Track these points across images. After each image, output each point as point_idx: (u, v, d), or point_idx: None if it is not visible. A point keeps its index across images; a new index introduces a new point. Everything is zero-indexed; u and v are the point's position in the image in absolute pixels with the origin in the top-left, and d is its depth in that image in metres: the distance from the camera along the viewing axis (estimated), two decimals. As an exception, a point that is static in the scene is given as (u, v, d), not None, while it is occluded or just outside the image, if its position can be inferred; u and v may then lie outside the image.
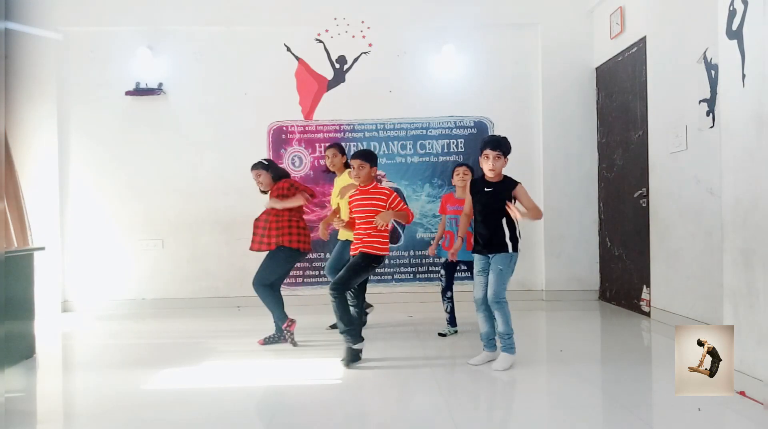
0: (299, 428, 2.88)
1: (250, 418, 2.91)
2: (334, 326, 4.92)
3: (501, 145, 3.67)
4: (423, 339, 4.38)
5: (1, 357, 3.29)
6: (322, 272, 6.24)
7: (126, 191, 6.24)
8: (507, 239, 3.66)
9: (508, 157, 3.72)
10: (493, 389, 3.48)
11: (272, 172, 4.48)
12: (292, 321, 4.30)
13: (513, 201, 3.66)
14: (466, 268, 4.48)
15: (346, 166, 4.87)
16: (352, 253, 3.89)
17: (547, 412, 3.06)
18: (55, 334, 5.15)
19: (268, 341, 4.37)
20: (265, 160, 4.56)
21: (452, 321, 4.64)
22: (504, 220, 3.66)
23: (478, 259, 3.78)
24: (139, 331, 5.21)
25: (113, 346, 4.67)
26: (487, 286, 3.71)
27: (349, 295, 3.85)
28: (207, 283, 6.25)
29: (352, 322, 3.79)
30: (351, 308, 3.84)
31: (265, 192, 4.52)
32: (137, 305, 6.16)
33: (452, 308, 4.63)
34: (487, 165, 3.66)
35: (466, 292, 5.97)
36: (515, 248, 3.68)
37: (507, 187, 3.68)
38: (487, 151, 3.66)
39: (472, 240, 4.48)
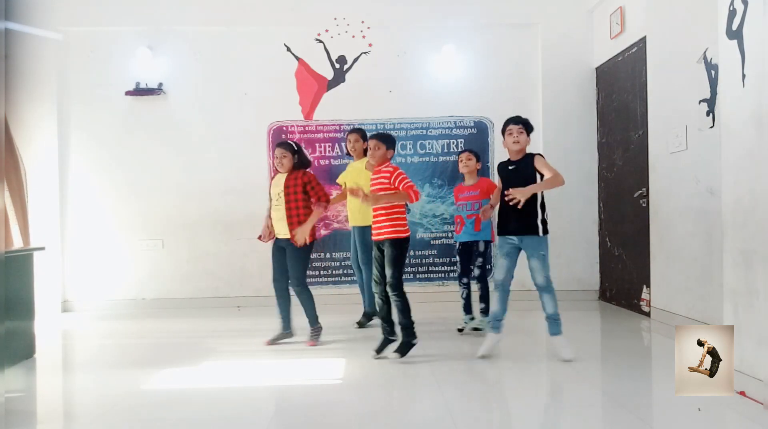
0: (299, 428, 2.89)
1: (250, 418, 2.91)
2: (360, 324, 4.94)
3: (522, 121, 3.83)
4: (423, 338, 4.36)
5: (1, 357, 3.29)
6: (322, 272, 6.25)
7: (126, 191, 6.23)
8: (539, 221, 3.72)
9: (530, 136, 3.86)
10: (493, 388, 3.49)
11: (297, 158, 4.38)
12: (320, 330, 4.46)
13: (540, 176, 3.72)
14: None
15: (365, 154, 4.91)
16: (374, 238, 3.85)
17: (546, 412, 3.06)
18: (55, 334, 5.16)
19: (274, 341, 4.39)
20: (295, 143, 4.48)
21: (467, 308, 4.59)
22: (539, 201, 3.73)
23: (504, 242, 3.82)
24: (139, 331, 5.21)
25: (113, 346, 4.67)
26: (508, 270, 3.81)
27: (376, 286, 3.89)
28: (207, 283, 6.25)
29: (413, 320, 3.85)
30: (377, 297, 3.90)
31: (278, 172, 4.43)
32: (137, 305, 6.16)
33: (468, 295, 4.59)
34: (512, 138, 3.78)
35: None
36: (545, 231, 3.75)
37: (528, 161, 3.77)
38: (511, 127, 3.81)
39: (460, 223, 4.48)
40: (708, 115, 4.31)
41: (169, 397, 3.27)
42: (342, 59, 6.31)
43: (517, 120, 3.83)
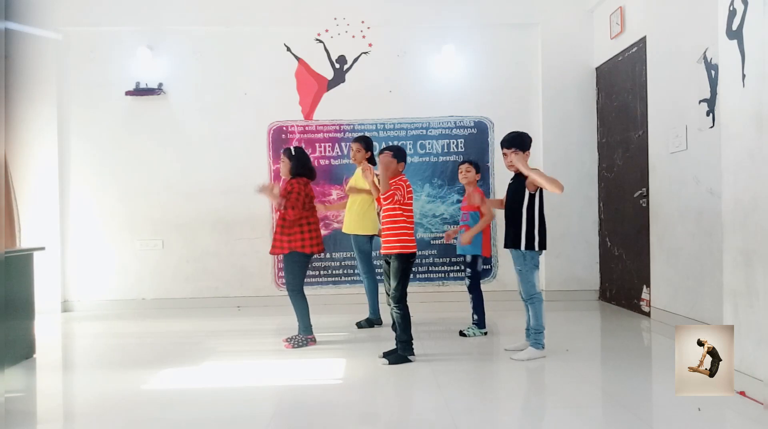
0: (299, 428, 2.89)
1: (250, 418, 2.91)
2: (360, 324, 4.92)
3: (514, 142, 3.88)
4: (422, 338, 4.38)
5: (1, 357, 3.29)
6: (322, 272, 6.25)
7: (126, 191, 6.23)
8: (522, 235, 3.77)
9: (529, 150, 3.90)
10: (493, 388, 3.49)
11: (294, 163, 4.32)
12: (314, 339, 4.33)
13: (538, 190, 3.78)
14: (465, 266, 4.53)
15: (370, 160, 4.90)
16: (382, 251, 3.87)
17: (547, 412, 3.06)
18: (55, 334, 5.16)
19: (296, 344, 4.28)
20: (295, 148, 4.43)
21: (479, 321, 4.52)
22: (524, 216, 3.77)
23: (511, 255, 3.95)
24: (139, 331, 5.21)
25: (113, 346, 4.68)
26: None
27: (388, 299, 3.92)
28: (207, 283, 6.25)
29: (412, 336, 3.82)
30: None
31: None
32: (137, 305, 6.16)
33: (473, 305, 4.50)
34: (506, 160, 3.90)
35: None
36: (530, 246, 3.77)
37: (524, 177, 3.80)
38: (504, 151, 3.91)
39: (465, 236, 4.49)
40: (708, 115, 4.31)
41: (169, 397, 3.27)
42: (342, 59, 6.31)
43: (507, 143, 3.88)
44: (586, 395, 3.21)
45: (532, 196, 3.78)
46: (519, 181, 3.85)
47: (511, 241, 3.84)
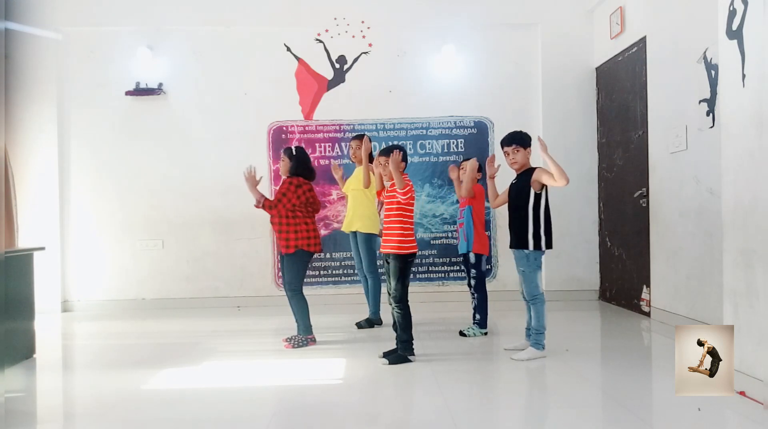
0: (299, 428, 2.89)
1: (250, 418, 2.91)
2: (360, 325, 4.92)
3: (515, 139, 3.86)
4: (422, 338, 4.38)
5: (1, 357, 3.29)
6: (322, 272, 6.25)
7: (126, 191, 6.23)
8: (530, 236, 3.76)
9: (529, 148, 3.89)
10: (493, 388, 3.49)
11: (294, 163, 4.32)
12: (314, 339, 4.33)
13: (543, 188, 3.78)
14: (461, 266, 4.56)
15: (371, 159, 4.91)
16: (382, 250, 3.88)
17: (547, 412, 3.06)
18: (55, 334, 5.16)
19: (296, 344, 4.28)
20: (296, 148, 4.42)
21: (481, 321, 4.51)
22: (530, 215, 3.76)
23: (514, 256, 3.95)
24: (139, 331, 5.21)
25: (113, 346, 4.68)
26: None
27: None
28: (207, 283, 6.25)
29: (412, 336, 3.82)
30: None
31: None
32: (137, 305, 6.16)
33: (477, 305, 4.50)
34: (508, 159, 3.90)
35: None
36: (537, 246, 3.76)
37: (528, 176, 3.79)
38: (505, 149, 3.89)
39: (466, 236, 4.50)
40: (708, 115, 4.31)
41: (169, 397, 3.27)
42: (342, 59, 6.31)
43: (508, 141, 3.87)
44: (586, 395, 3.21)
45: (537, 196, 3.76)
46: (523, 180, 3.83)
47: (517, 242, 3.82)
